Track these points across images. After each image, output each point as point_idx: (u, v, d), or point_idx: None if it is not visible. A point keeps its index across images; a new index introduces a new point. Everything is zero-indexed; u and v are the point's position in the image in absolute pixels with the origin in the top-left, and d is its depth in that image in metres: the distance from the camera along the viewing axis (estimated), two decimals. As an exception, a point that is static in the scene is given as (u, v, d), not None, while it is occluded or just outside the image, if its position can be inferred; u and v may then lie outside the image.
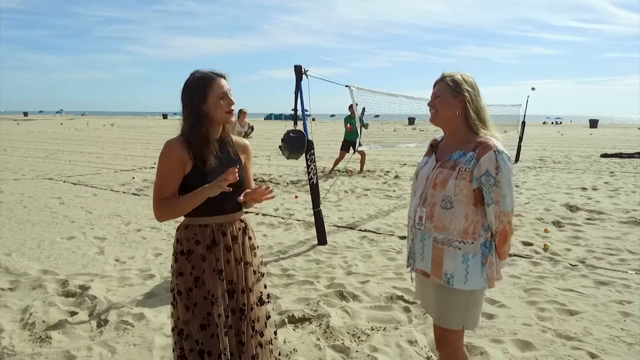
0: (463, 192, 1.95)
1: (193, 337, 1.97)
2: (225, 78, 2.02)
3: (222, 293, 2.00)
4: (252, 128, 10.40)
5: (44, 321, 3.38)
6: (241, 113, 10.06)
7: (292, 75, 5.35)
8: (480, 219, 1.98)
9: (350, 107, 11.15)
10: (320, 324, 3.30)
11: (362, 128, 10.89)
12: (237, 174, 1.90)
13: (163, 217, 1.99)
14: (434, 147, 2.21)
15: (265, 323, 2.14)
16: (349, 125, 11.22)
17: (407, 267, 2.22)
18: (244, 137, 9.87)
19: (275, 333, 2.22)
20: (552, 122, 67.84)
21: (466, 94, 2.01)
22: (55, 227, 6.13)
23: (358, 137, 8.91)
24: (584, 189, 9.09)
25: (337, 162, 11.56)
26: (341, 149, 11.45)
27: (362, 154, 11.28)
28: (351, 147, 10.95)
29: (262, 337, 2.10)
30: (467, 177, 1.94)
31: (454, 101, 2.02)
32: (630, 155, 15.48)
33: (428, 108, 2.11)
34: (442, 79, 2.07)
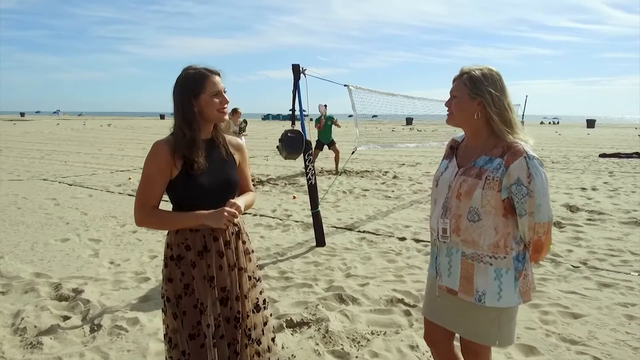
0: (491, 203, 1.75)
1: (180, 347, 1.88)
2: (219, 75, 1.93)
3: (213, 301, 1.91)
4: (245, 122, 10.30)
5: (35, 326, 3.29)
6: (235, 112, 9.98)
7: (290, 76, 5.28)
8: (511, 231, 1.79)
9: (320, 106, 11.42)
10: (319, 329, 3.23)
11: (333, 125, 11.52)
12: (237, 213, 1.87)
13: (144, 225, 1.91)
14: (454, 149, 1.99)
15: (263, 330, 2.06)
16: (318, 124, 11.47)
17: (435, 277, 2.00)
18: (239, 133, 9.80)
19: (273, 340, 2.14)
20: (550, 122, 67.94)
21: (487, 95, 1.78)
22: (50, 229, 6.04)
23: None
24: (583, 189, 9.04)
25: (335, 160, 11.75)
26: (315, 148, 11.50)
27: (336, 152, 11.55)
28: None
29: (259, 346, 2.01)
30: (495, 186, 1.74)
31: (472, 103, 1.80)
32: (628, 155, 15.45)
33: (440, 106, 1.98)
34: (460, 76, 1.84)
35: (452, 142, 2.04)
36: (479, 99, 1.79)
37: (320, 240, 5.31)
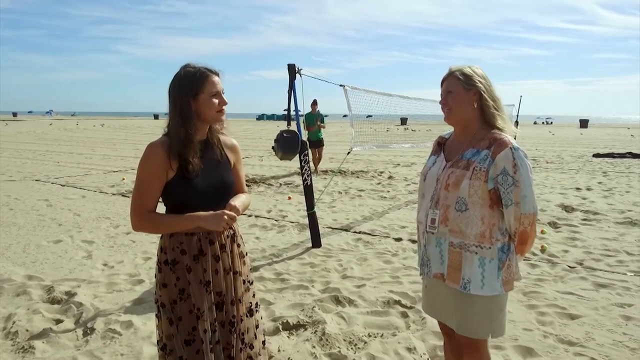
0: (478, 193, 1.83)
1: (176, 352, 1.84)
2: (219, 75, 1.89)
3: (210, 306, 1.87)
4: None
5: (27, 330, 3.23)
6: None
7: (284, 76, 5.24)
8: (496, 222, 1.87)
9: (313, 103, 11.19)
10: (316, 331, 3.19)
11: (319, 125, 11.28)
12: (235, 216, 1.84)
13: (141, 230, 1.86)
14: (441, 145, 2.08)
15: (255, 334, 2.03)
16: (307, 124, 11.17)
17: (420, 274, 2.10)
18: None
19: (264, 342, 2.11)
20: (543, 122, 68.29)
21: (479, 84, 1.89)
22: (42, 230, 5.97)
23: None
24: (578, 189, 9.06)
25: (315, 161, 11.58)
26: (310, 147, 11.38)
27: (321, 155, 11.51)
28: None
29: (251, 350, 1.99)
30: (482, 177, 1.82)
31: (468, 94, 1.90)
32: (622, 155, 15.54)
33: (433, 105, 2.00)
34: (451, 74, 1.94)
35: (439, 139, 2.12)
36: (474, 89, 1.90)
37: (316, 241, 5.28)
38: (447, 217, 1.89)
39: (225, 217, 1.80)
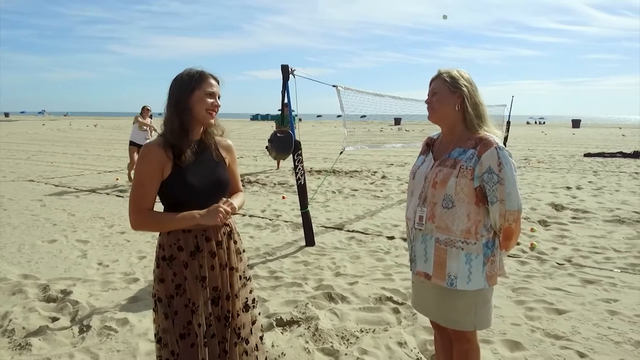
0: (464, 191, 1.90)
1: (170, 347, 1.90)
2: (218, 82, 1.99)
3: (205, 301, 1.93)
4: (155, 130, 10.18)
5: (24, 327, 3.27)
6: (144, 110, 9.97)
7: (277, 76, 5.30)
8: (482, 219, 1.94)
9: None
10: (309, 327, 3.25)
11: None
12: (229, 210, 1.91)
13: (140, 228, 1.91)
14: (429, 145, 2.17)
15: (251, 329, 2.09)
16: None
17: (411, 270, 2.17)
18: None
19: (261, 338, 2.17)
20: (536, 122, 68.75)
21: (464, 88, 1.97)
22: (37, 230, 5.98)
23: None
24: (568, 188, 9.19)
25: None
26: None
27: None
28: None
29: (247, 345, 2.04)
30: (468, 175, 1.90)
31: (452, 97, 1.98)
32: (612, 155, 15.71)
33: (426, 106, 2.07)
34: (439, 75, 2.03)
35: (427, 140, 2.20)
36: (458, 92, 1.98)
37: (309, 240, 5.34)
38: (434, 214, 1.96)
39: (221, 209, 1.87)
